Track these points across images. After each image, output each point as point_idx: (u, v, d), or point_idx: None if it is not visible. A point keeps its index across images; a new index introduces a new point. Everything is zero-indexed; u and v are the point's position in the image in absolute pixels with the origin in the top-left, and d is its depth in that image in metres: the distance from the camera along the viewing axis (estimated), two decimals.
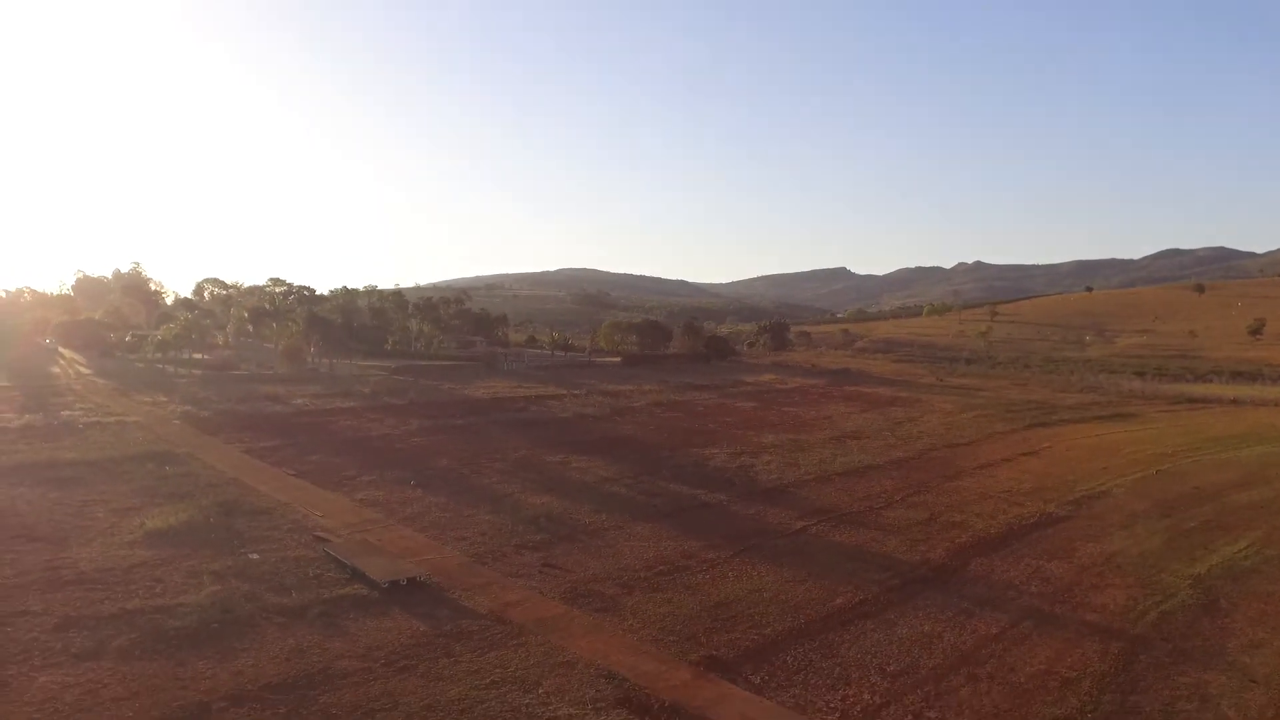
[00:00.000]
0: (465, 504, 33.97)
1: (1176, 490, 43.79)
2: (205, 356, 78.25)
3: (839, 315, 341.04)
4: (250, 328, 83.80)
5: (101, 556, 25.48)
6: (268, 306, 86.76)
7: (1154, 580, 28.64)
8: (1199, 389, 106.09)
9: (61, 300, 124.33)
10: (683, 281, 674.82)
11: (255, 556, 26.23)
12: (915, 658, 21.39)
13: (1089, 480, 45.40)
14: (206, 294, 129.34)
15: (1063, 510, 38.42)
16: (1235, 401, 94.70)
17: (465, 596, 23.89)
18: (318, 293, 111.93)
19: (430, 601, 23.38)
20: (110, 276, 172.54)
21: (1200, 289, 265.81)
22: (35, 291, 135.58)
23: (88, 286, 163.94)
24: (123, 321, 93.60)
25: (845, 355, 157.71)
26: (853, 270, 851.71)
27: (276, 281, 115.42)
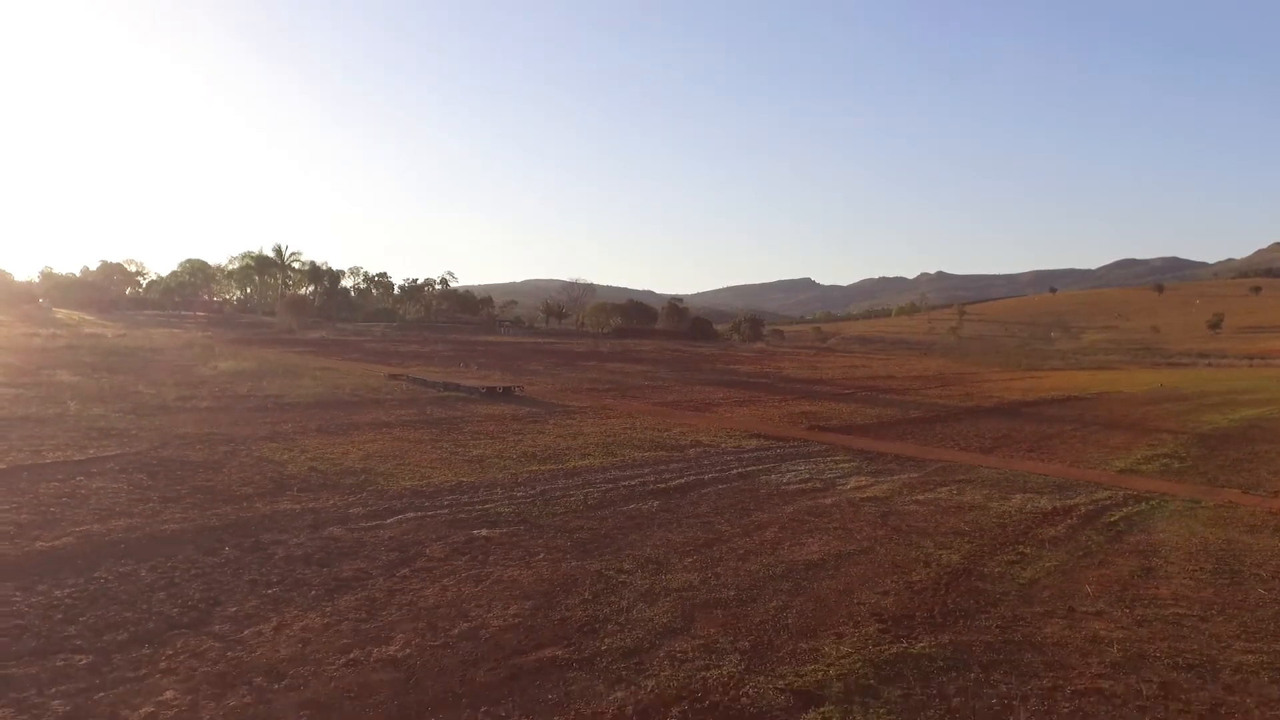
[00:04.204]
0: (523, 375, 34.47)
1: (1184, 392, 45.58)
2: (204, 314, 77.50)
3: (808, 318, 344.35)
4: (255, 278, 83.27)
5: (190, 376, 25.65)
6: (272, 256, 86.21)
7: (1195, 421, 29.99)
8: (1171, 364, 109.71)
9: (39, 283, 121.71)
10: (650, 292, 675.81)
11: (340, 384, 26.52)
12: (1006, 434, 22.43)
13: (1101, 387, 47.05)
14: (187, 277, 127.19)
15: (1086, 396, 39.87)
16: (1210, 364, 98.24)
17: (560, 401, 24.48)
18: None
19: (530, 402, 23.94)
20: (79, 273, 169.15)
21: (1160, 288, 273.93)
22: (6, 272, 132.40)
23: (54, 280, 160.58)
24: (114, 286, 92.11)
25: (823, 347, 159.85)
26: (817, 281, 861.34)
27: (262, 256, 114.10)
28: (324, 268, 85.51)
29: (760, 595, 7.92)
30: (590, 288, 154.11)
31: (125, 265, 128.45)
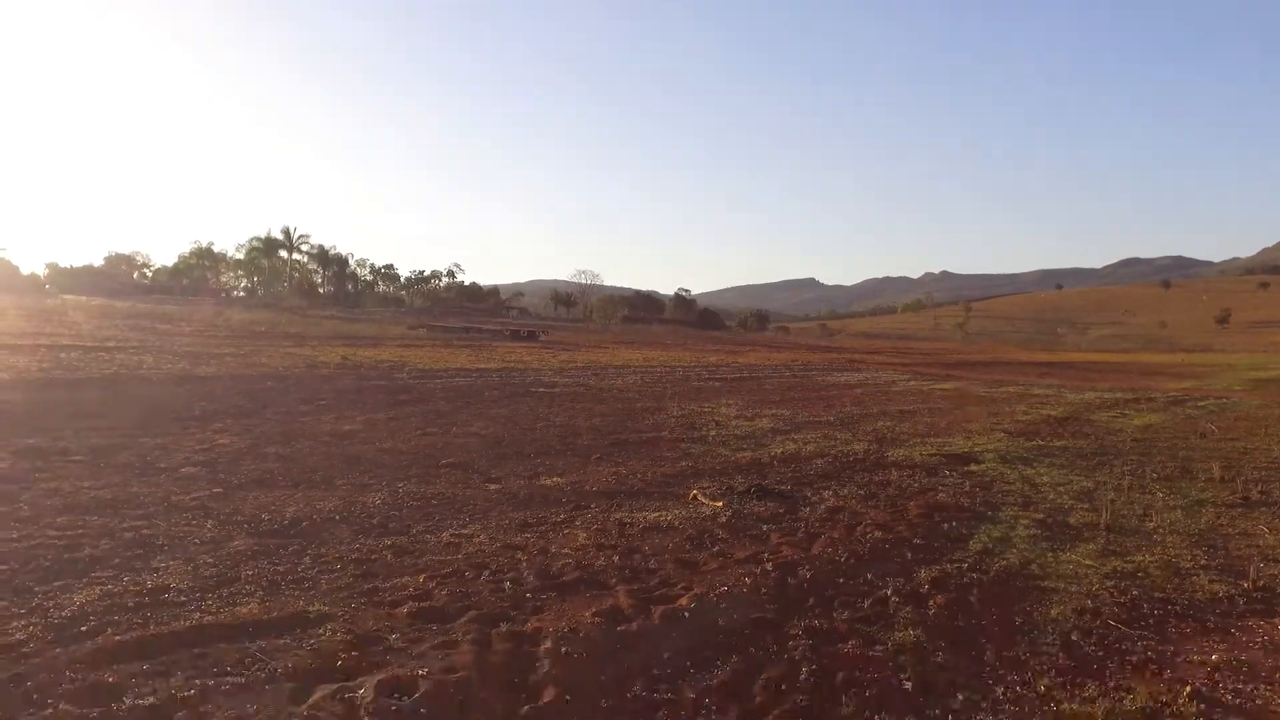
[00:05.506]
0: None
1: (1210, 364, 44.75)
2: (213, 299, 76.79)
3: (812, 317, 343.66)
4: (264, 262, 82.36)
5: (205, 323, 24.98)
6: (280, 237, 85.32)
7: (1235, 375, 29.22)
8: None
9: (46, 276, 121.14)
10: (654, 292, 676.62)
11: (360, 331, 25.80)
12: (1049, 372, 21.73)
13: (1126, 359, 46.23)
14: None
15: (1115, 362, 39.08)
16: (1223, 352, 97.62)
17: (586, 343, 23.74)
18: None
19: (556, 343, 23.22)
20: (81, 267, 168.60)
21: (1167, 285, 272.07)
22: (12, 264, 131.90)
23: (60, 271, 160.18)
24: (121, 274, 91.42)
25: (831, 342, 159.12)
26: (821, 281, 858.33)
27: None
28: (332, 253, 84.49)
29: (864, 420, 7.17)
30: (597, 281, 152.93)
31: (132, 257, 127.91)
